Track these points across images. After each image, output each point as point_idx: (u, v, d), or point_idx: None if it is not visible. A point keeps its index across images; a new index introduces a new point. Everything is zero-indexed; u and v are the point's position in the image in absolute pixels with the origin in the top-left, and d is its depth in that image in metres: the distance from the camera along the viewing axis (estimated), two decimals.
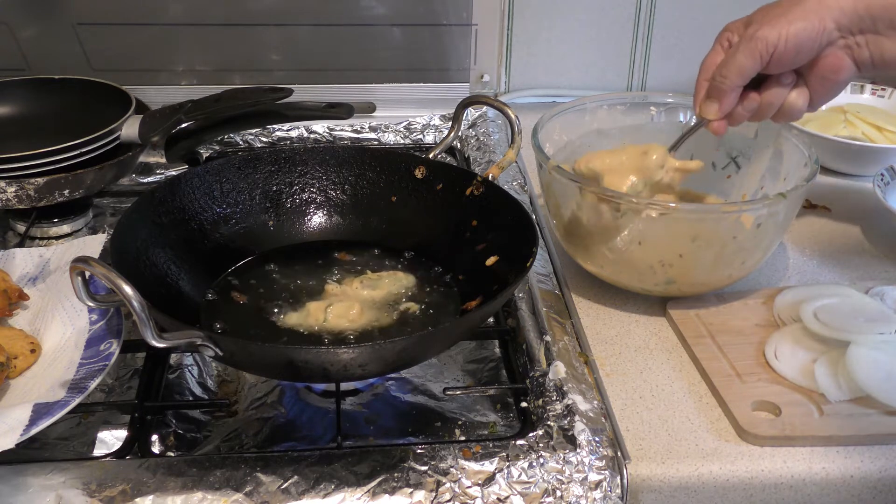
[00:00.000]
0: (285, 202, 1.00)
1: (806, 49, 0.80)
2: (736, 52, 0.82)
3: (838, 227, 1.11)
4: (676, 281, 0.91)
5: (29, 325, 0.86)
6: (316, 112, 1.11)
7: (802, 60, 0.82)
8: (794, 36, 0.79)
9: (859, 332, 0.84)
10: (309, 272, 0.94)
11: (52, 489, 0.69)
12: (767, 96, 0.85)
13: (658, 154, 0.92)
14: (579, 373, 0.83)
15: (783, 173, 0.98)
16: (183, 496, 0.69)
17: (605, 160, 0.93)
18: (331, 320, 0.85)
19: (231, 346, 0.73)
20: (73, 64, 1.27)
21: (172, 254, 0.89)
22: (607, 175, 0.92)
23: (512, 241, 0.88)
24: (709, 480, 0.75)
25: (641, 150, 0.92)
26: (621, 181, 0.91)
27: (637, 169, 0.92)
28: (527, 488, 0.71)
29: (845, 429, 0.77)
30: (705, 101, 0.87)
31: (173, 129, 1.10)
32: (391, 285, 0.91)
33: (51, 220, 1.09)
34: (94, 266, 0.67)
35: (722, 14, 1.39)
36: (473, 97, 1.05)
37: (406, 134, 1.33)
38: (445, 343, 0.82)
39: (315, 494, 0.70)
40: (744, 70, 0.82)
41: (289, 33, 1.32)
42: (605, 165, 0.93)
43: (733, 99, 0.85)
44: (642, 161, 0.92)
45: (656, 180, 0.92)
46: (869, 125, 1.26)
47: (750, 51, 0.81)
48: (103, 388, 0.88)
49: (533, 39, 1.42)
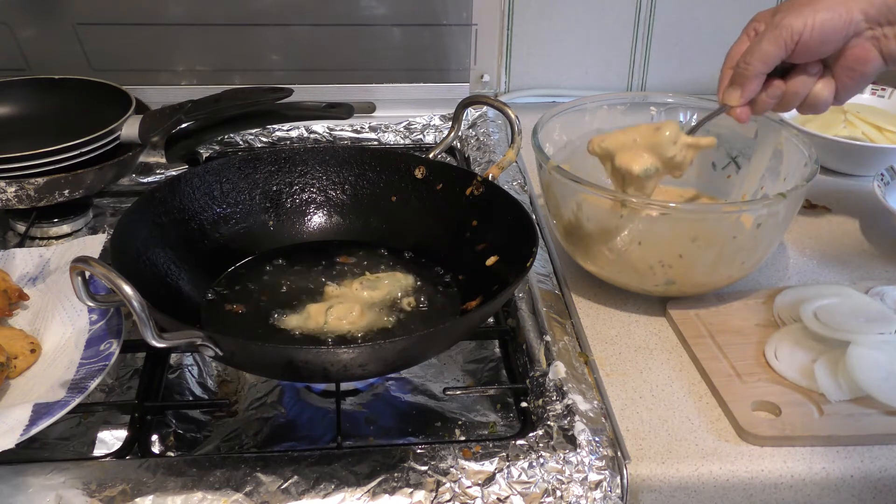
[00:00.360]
0: (285, 202, 1.00)
1: (832, 39, 0.80)
2: (761, 39, 0.82)
3: (838, 227, 1.11)
4: (676, 281, 0.91)
5: (29, 325, 0.86)
6: (316, 112, 1.11)
7: (829, 51, 0.81)
8: (820, 25, 0.79)
9: (859, 332, 0.84)
10: (308, 273, 0.94)
11: (52, 489, 0.69)
12: (793, 85, 0.84)
13: (671, 130, 0.91)
14: (579, 373, 0.83)
15: (783, 173, 0.98)
16: (183, 496, 0.69)
17: (617, 138, 0.93)
18: (331, 322, 0.85)
19: (231, 346, 0.73)
20: (73, 64, 1.27)
21: (172, 254, 0.89)
22: (619, 153, 0.92)
23: (512, 241, 0.88)
24: (709, 480, 0.75)
25: (654, 126, 0.92)
26: (634, 159, 0.91)
27: (650, 146, 0.91)
28: (527, 488, 0.71)
29: (845, 429, 0.77)
30: (728, 88, 0.86)
31: (173, 129, 1.10)
32: (391, 286, 0.91)
33: (51, 220, 1.09)
34: (94, 266, 0.67)
35: (722, 14, 1.41)
36: (473, 97, 1.05)
37: (406, 134, 1.33)
38: (445, 343, 0.82)
39: (315, 494, 0.70)
40: (768, 57, 0.82)
41: (289, 33, 1.32)
42: (617, 144, 0.93)
43: (756, 86, 0.84)
44: (655, 137, 0.91)
45: (669, 157, 0.91)
46: (869, 125, 1.26)
47: (775, 38, 0.80)
48: (103, 388, 0.88)
49: (533, 39, 1.42)
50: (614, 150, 0.93)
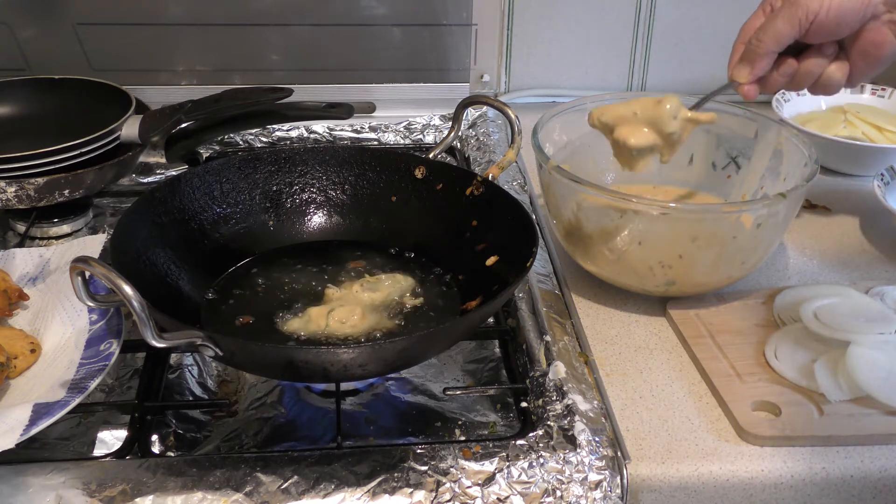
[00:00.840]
0: (285, 202, 1.00)
1: (848, 20, 0.78)
2: (776, 16, 0.81)
3: (838, 227, 1.11)
4: (676, 282, 0.91)
5: (29, 325, 0.86)
6: (316, 112, 1.11)
7: (844, 32, 0.80)
8: (838, 6, 0.78)
9: (859, 332, 0.84)
10: (309, 275, 0.94)
11: (52, 489, 0.69)
12: (806, 65, 0.83)
13: (672, 104, 0.90)
14: (579, 373, 0.83)
15: (783, 173, 0.98)
16: (183, 496, 0.69)
17: (617, 111, 0.93)
18: (332, 325, 0.85)
19: (231, 346, 0.73)
20: (73, 64, 1.27)
21: (172, 254, 0.89)
22: (619, 126, 0.91)
23: (512, 241, 0.88)
24: (709, 480, 0.75)
25: (655, 100, 0.91)
26: (633, 132, 0.90)
27: (650, 120, 0.90)
28: (527, 488, 0.71)
29: (845, 429, 0.77)
30: (738, 64, 0.85)
31: (173, 129, 1.10)
32: (391, 287, 0.91)
33: (51, 220, 1.09)
34: (94, 266, 0.67)
35: (722, 14, 1.41)
36: (473, 97, 1.05)
37: (406, 134, 1.33)
38: (445, 343, 0.82)
39: (315, 494, 0.70)
40: (781, 35, 0.81)
41: (289, 33, 1.32)
42: (617, 116, 0.92)
43: (766, 64, 0.83)
44: (655, 111, 0.90)
45: (668, 132, 0.90)
46: (869, 125, 1.26)
47: (790, 17, 0.79)
48: (103, 388, 0.88)
49: (533, 39, 1.42)
50: (614, 123, 0.92)
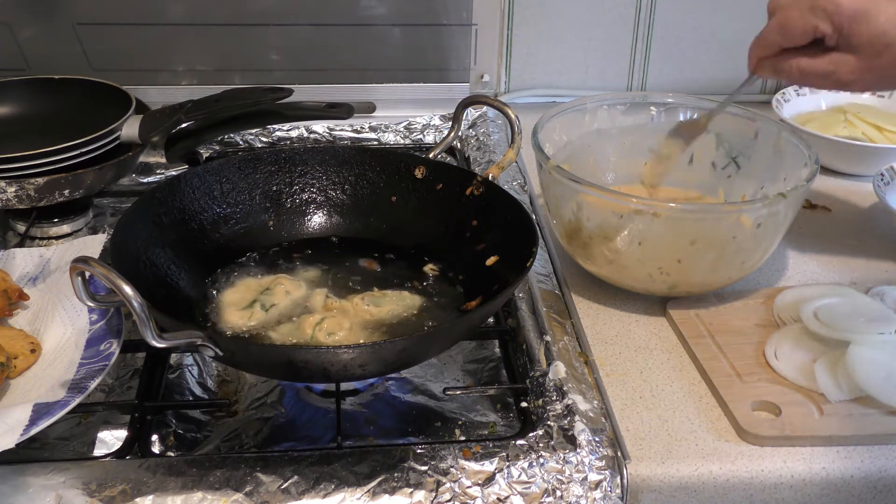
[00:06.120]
0: (285, 202, 1.00)
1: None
2: None
3: (838, 227, 1.11)
4: (676, 286, 0.91)
5: (29, 325, 0.86)
6: (316, 112, 1.11)
7: None
8: None
9: (859, 332, 0.84)
10: (313, 279, 0.93)
11: (52, 489, 0.69)
12: None
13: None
14: (579, 373, 0.83)
15: (783, 173, 0.98)
16: (183, 496, 0.69)
17: None
18: (319, 336, 0.83)
19: (231, 346, 0.73)
20: (73, 64, 1.27)
21: (172, 254, 0.89)
22: None
23: (512, 241, 0.88)
24: (709, 480, 0.75)
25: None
26: None
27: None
28: (527, 488, 0.71)
29: (845, 429, 0.77)
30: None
31: (173, 129, 1.10)
32: (394, 304, 0.88)
33: (51, 220, 1.09)
34: (94, 266, 0.67)
35: (722, 14, 1.41)
36: (473, 97, 1.05)
37: (406, 134, 1.33)
38: (445, 343, 0.82)
39: (315, 494, 0.70)
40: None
41: (289, 33, 1.32)
42: None
43: None
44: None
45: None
46: (869, 125, 1.26)
47: None
48: (103, 388, 0.88)
49: (533, 39, 1.42)
50: None
